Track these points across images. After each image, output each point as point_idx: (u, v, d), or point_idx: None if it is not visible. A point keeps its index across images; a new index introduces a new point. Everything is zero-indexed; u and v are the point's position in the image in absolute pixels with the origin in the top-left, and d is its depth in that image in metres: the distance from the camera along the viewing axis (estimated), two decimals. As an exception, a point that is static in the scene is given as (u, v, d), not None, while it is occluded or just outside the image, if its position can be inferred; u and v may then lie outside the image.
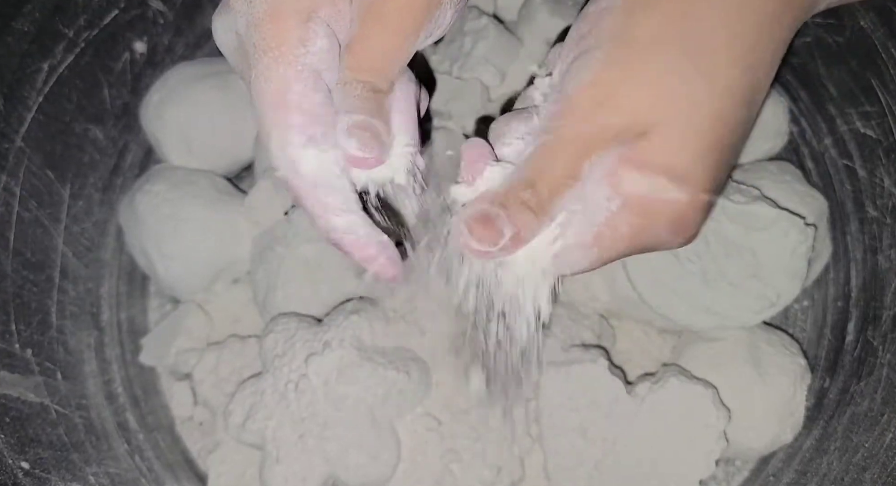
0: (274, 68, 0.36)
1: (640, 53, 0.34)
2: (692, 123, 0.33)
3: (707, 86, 0.33)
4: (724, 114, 0.34)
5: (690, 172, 0.34)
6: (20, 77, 0.52)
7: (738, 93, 0.34)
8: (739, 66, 0.34)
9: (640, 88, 0.33)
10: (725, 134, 0.34)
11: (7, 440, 0.47)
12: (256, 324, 0.56)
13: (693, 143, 0.33)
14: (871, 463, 0.47)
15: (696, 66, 0.33)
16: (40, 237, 0.54)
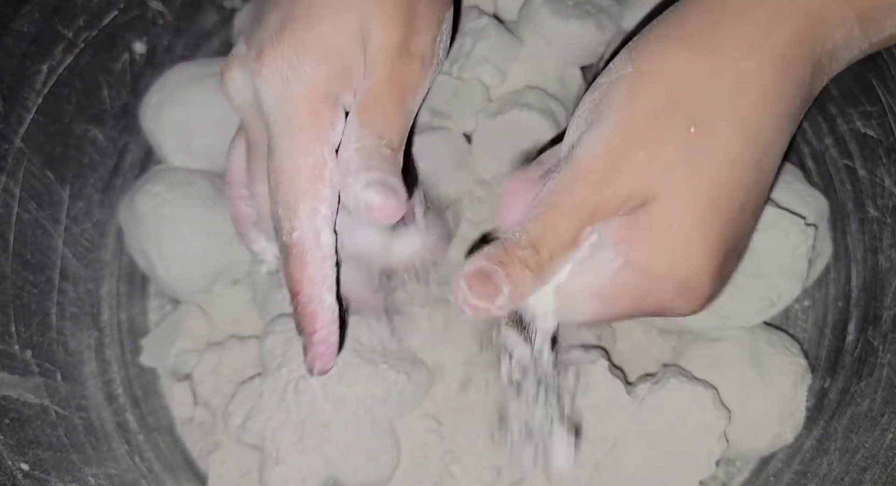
0: (312, 146, 0.39)
1: (643, 123, 0.35)
2: (690, 190, 0.34)
3: (707, 153, 0.34)
4: (724, 180, 0.35)
5: (691, 239, 0.35)
6: (19, 78, 0.52)
7: (741, 159, 0.35)
8: (740, 133, 0.35)
9: (643, 157, 0.34)
10: (726, 200, 0.35)
11: (6, 441, 0.47)
12: (256, 325, 0.56)
13: (691, 210, 0.34)
14: (872, 464, 0.47)
15: (698, 134, 0.34)
16: (40, 238, 0.54)
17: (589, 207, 0.35)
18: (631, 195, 0.35)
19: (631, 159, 0.34)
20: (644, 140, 0.35)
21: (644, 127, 0.35)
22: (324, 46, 0.39)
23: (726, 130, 0.35)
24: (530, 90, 0.57)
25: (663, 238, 0.35)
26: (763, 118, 0.35)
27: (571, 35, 0.56)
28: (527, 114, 0.54)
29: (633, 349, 0.55)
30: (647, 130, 0.35)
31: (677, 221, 0.34)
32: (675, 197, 0.34)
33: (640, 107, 0.35)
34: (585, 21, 0.56)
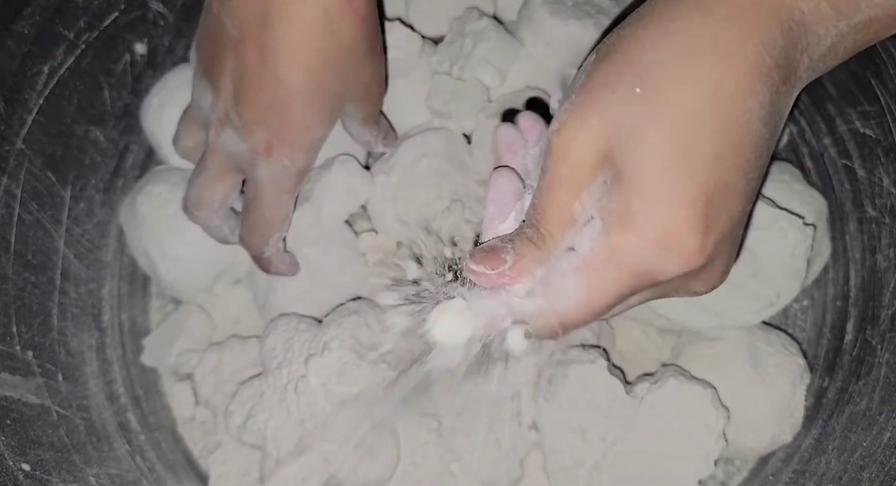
0: (290, 201, 0.53)
1: (593, 93, 0.36)
2: (648, 144, 0.35)
3: (658, 107, 0.35)
4: (682, 132, 0.34)
5: (658, 190, 0.35)
6: (20, 79, 0.52)
7: (698, 110, 0.35)
8: (693, 85, 0.35)
9: (595, 122, 0.35)
10: (693, 149, 0.34)
11: (8, 441, 0.47)
12: (257, 324, 0.57)
13: (653, 162, 0.35)
14: (869, 462, 0.47)
15: (646, 91, 0.35)
16: (41, 239, 0.54)
17: (565, 182, 0.36)
18: (597, 162, 0.36)
19: (585, 127, 0.35)
20: (594, 107, 0.35)
21: (593, 96, 0.36)
22: (313, 143, 0.50)
23: (678, 84, 0.34)
24: (530, 91, 0.57)
25: (632, 196, 0.35)
26: (720, 71, 0.35)
27: (571, 36, 0.56)
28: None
29: (633, 349, 0.55)
30: (596, 98, 0.36)
31: (642, 177, 0.34)
32: (635, 153, 0.35)
33: (593, 81, 0.36)
34: (585, 22, 0.56)
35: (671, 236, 0.34)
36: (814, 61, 0.37)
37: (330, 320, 0.51)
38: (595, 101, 0.36)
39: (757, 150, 0.36)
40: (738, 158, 0.35)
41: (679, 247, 0.35)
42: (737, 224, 0.37)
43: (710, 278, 0.38)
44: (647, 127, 0.34)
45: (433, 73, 0.58)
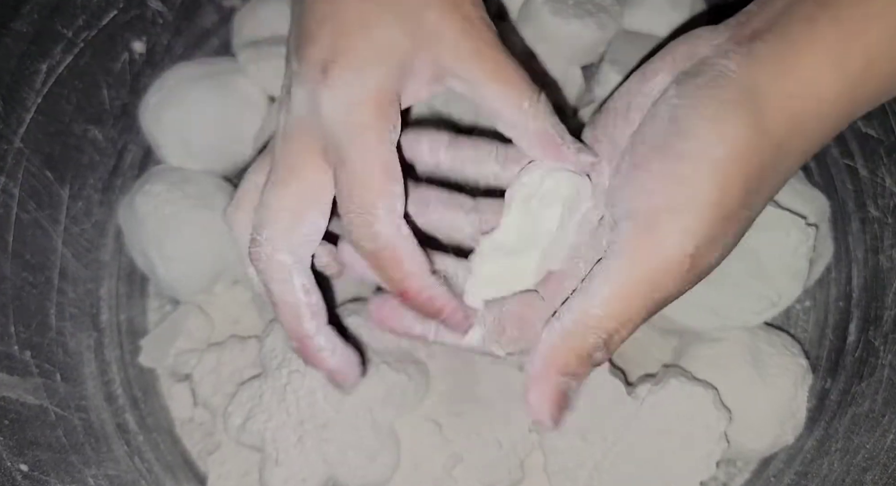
0: (381, 147, 0.39)
1: (729, 226, 0.35)
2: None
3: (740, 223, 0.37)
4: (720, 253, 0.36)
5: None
6: (18, 78, 0.52)
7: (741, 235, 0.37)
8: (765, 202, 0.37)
9: (716, 256, 0.36)
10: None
11: (6, 442, 0.47)
12: (256, 325, 0.56)
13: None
14: (872, 465, 0.47)
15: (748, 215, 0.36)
16: (39, 239, 0.54)
17: (669, 300, 0.36)
18: (691, 286, 0.37)
19: (712, 256, 0.35)
20: (722, 241, 0.35)
21: (728, 228, 0.35)
22: (381, 50, 0.39)
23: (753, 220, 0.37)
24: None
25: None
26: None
27: (572, 35, 0.56)
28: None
29: (634, 350, 0.55)
30: (726, 230, 0.35)
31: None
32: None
33: (728, 205, 0.35)
34: (586, 21, 0.56)
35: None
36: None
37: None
38: (727, 232, 0.35)
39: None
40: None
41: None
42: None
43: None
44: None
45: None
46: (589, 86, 0.60)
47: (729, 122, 0.35)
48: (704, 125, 0.35)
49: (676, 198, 0.34)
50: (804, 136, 0.36)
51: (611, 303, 0.35)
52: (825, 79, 0.35)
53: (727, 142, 0.34)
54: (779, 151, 0.35)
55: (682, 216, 0.34)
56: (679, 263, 0.34)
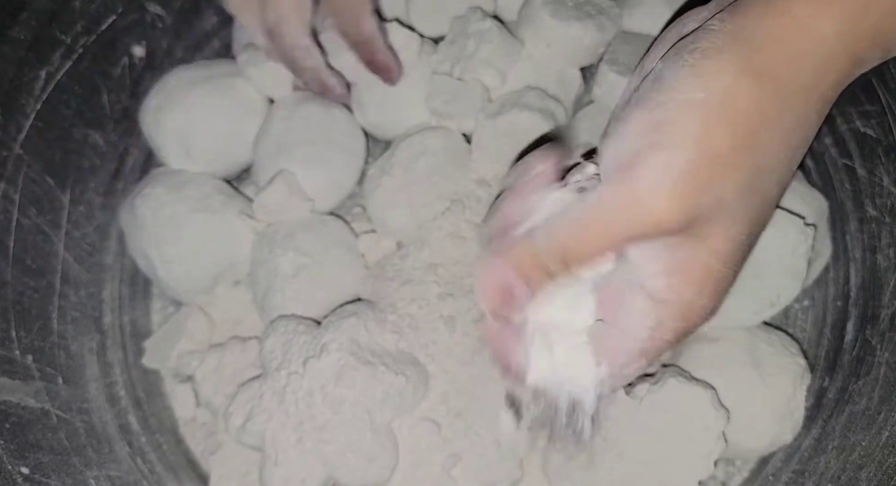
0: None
1: (720, 170, 0.34)
2: (737, 235, 0.36)
3: (756, 200, 0.36)
4: (761, 222, 0.37)
5: (727, 278, 0.37)
6: (18, 85, 0.52)
7: (775, 198, 0.37)
8: (781, 176, 0.36)
9: (706, 201, 0.34)
10: (755, 237, 0.37)
11: (6, 446, 0.47)
12: (257, 325, 0.57)
13: (734, 253, 0.36)
14: (868, 461, 0.47)
15: (754, 184, 0.35)
16: (40, 244, 0.54)
17: (640, 236, 0.35)
18: (682, 227, 0.35)
19: (698, 201, 0.34)
20: (715, 184, 0.34)
21: (718, 172, 0.34)
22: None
23: (773, 176, 0.35)
24: (530, 91, 0.57)
25: (711, 285, 0.36)
26: (798, 158, 0.36)
27: (572, 37, 0.56)
28: (527, 114, 0.54)
29: (633, 350, 0.55)
30: (720, 175, 0.34)
31: (725, 260, 0.36)
32: (718, 238, 0.35)
33: (716, 145, 0.34)
34: (586, 23, 0.56)
35: (712, 310, 0.37)
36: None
37: (328, 323, 0.51)
38: (715, 177, 0.34)
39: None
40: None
41: (710, 315, 0.38)
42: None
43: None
44: (745, 214, 0.36)
45: (433, 73, 0.58)
46: (588, 87, 0.60)
47: (709, 67, 0.35)
48: (684, 74, 0.35)
49: (654, 139, 0.34)
50: (808, 75, 0.35)
51: (572, 224, 0.36)
52: (822, 14, 0.34)
53: (709, 86, 0.34)
54: (780, 92, 0.34)
55: (657, 152, 0.34)
56: (649, 196, 0.34)
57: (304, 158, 0.57)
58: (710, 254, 0.35)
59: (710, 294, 0.36)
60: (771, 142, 0.35)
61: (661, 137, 0.34)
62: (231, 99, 0.58)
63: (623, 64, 0.56)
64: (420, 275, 0.53)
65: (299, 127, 0.57)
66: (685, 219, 0.34)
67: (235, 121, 0.59)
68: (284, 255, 0.54)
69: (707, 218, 0.34)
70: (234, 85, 0.59)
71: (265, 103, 0.60)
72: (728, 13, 0.36)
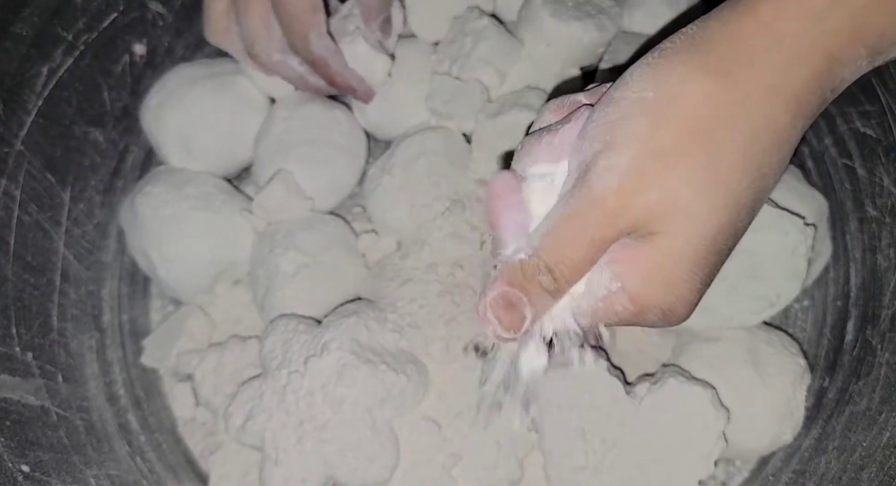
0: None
1: (663, 159, 0.34)
2: (695, 231, 0.35)
3: (718, 199, 0.35)
4: (727, 226, 0.35)
5: (685, 280, 0.35)
6: (19, 81, 0.52)
7: (746, 204, 0.35)
8: (750, 178, 0.35)
9: (656, 197, 0.34)
10: (724, 243, 0.36)
11: (7, 443, 0.47)
12: (257, 325, 0.57)
13: (693, 251, 0.35)
14: (869, 462, 0.47)
15: (711, 176, 0.34)
16: (41, 241, 0.54)
17: (603, 238, 0.35)
18: (639, 225, 0.35)
19: (646, 196, 0.34)
20: (662, 178, 0.34)
21: (663, 165, 0.34)
22: None
23: (737, 174, 0.35)
24: (530, 91, 0.57)
25: (662, 274, 0.35)
26: (772, 163, 0.35)
27: (572, 37, 0.56)
28: (526, 114, 0.54)
29: (633, 349, 0.55)
30: (665, 168, 0.34)
31: (678, 260, 0.35)
32: (681, 236, 0.35)
33: (661, 140, 0.34)
34: (586, 23, 0.56)
35: (676, 314, 0.36)
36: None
37: (329, 322, 0.51)
38: (664, 171, 0.34)
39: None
40: (744, 231, 0.37)
41: (677, 320, 0.37)
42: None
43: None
44: (703, 216, 0.35)
45: (433, 73, 0.58)
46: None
47: (662, 65, 0.35)
48: (639, 73, 0.36)
49: (606, 139, 0.35)
50: (769, 73, 0.35)
51: (545, 237, 0.36)
52: (785, 12, 0.35)
53: (659, 84, 0.35)
54: (734, 89, 0.35)
55: (608, 154, 0.35)
56: (602, 198, 0.35)
57: (305, 157, 0.57)
58: (658, 250, 0.35)
59: (660, 290, 0.36)
60: (729, 140, 0.35)
61: (612, 137, 0.35)
62: (232, 98, 0.58)
63: (623, 64, 0.56)
64: (420, 274, 0.53)
65: (300, 127, 0.57)
66: (637, 216, 0.35)
67: (236, 120, 0.59)
68: (285, 254, 0.54)
69: (660, 215, 0.35)
70: (236, 84, 0.59)
71: (266, 102, 0.60)
72: (701, 18, 0.37)
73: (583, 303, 0.37)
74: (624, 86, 0.36)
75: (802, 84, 0.35)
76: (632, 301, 0.36)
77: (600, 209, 0.35)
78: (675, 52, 0.36)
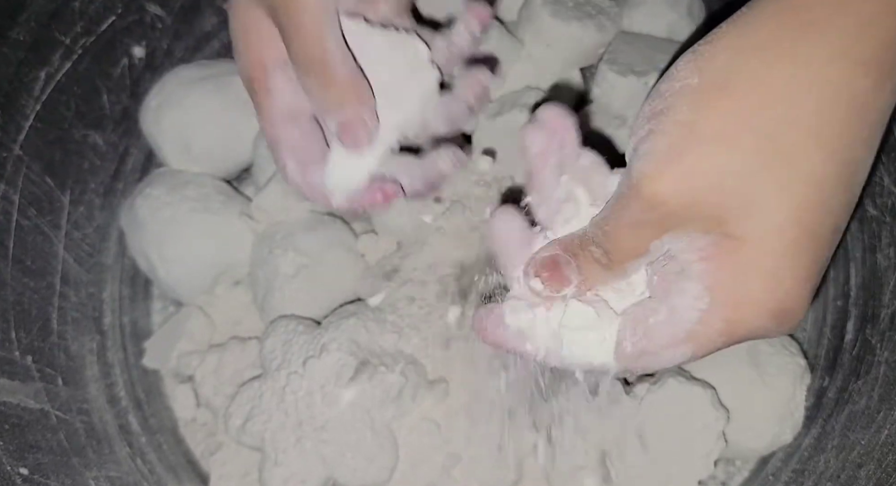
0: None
1: (708, 148, 0.33)
2: (775, 217, 0.33)
3: (782, 179, 0.33)
4: (810, 205, 0.33)
5: (781, 269, 0.33)
6: (17, 86, 0.52)
7: (827, 179, 0.33)
8: (826, 151, 0.33)
9: (706, 183, 0.33)
10: (816, 225, 0.33)
11: (5, 446, 0.48)
12: (257, 326, 0.57)
13: (780, 238, 0.33)
14: (867, 460, 0.47)
15: (768, 162, 0.33)
16: (40, 244, 0.54)
17: (652, 225, 0.35)
18: (699, 220, 0.34)
19: (689, 183, 0.33)
20: (705, 164, 0.33)
21: (705, 150, 0.33)
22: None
23: (809, 150, 0.33)
24: (530, 91, 0.57)
25: (754, 271, 0.33)
26: (852, 132, 0.33)
27: (572, 37, 0.56)
28: (526, 115, 0.54)
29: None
30: (708, 154, 0.33)
31: (767, 251, 0.33)
32: (761, 225, 0.33)
33: (704, 127, 0.33)
34: (586, 23, 0.56)
35: (788, 312, 0.34)
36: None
37: (328, 323, 0.51)
38: (706, 156, 0.33)
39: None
40: (846, 222, 0.35)
41: (792, 319, 0.34)
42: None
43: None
44: (773, 201, 0.33)
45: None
46: (587, 87, 0.60)
47: (707, 51, 0.34)
48: (685, 60, 0.35)
49: (649, 127, 0.35)
50: (828, 38, 0.33)
51: (604, 212, 0.36)
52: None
53: (703, 70, 0.34)
54: (789, 64, 0.33)
55: (649, 139, 0.34)
56: (637, 183, 0.34)
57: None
58: (733, 239, 0.33)
59: (756, 283, 0.33)
60: (788, 118, 0.33)
61: (655, 124, 0.35)
62: (231, 99, 0.58)
63: (623, 64, 0.56)
64: (420, 275, 0.53)
65: (299, 127, 0.57)
66: (683, 203, 0.34)
67: (236, 121, 0.59)
68: (284, 255, 0.54)
69: (716, 203, 0.34)
70: (235, 85, 0.58)
71: (265, 103, 0.60)
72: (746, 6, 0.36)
73: (676, 334, 0.35)
74: (670, 77, 0.35)
75: (879, 45, 0.33)
76: (728, 309, 0.34)
77: (638, 194, 0.34)
78: (720, 37, 0.35)
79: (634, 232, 0.35)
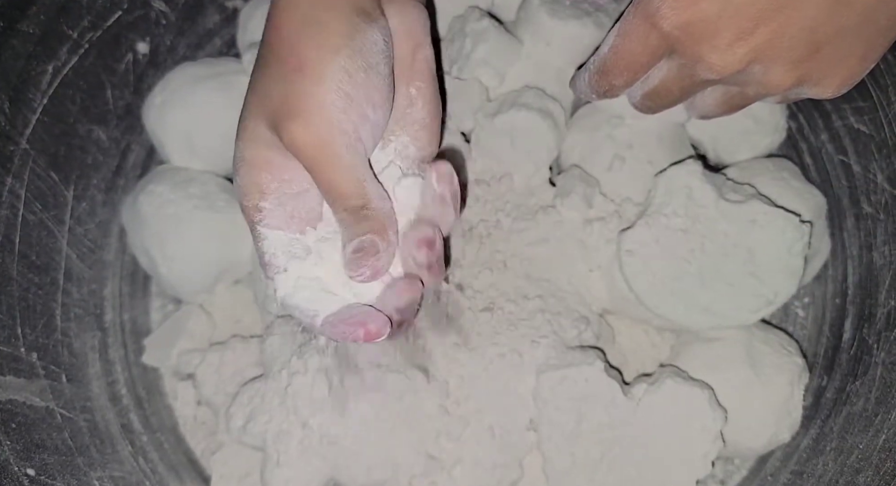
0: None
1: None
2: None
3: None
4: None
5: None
6: (25, 79, 0.52)
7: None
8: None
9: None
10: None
11: (13, 446, 0.47)
12: (258, 324, 0.57)
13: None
14: (865, 465, 0.48)
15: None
16: (45, 240, 0.54)
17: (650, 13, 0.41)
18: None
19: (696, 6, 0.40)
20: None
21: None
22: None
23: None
24: (529, 90, 0.57)
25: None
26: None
27: (570, 36, 0.56)
28: (525, 114, 0.54)
29: (631, 349, 0.55)
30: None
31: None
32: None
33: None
34: (584, 21, 0.56)
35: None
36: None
37: (330, 322, 0.51)
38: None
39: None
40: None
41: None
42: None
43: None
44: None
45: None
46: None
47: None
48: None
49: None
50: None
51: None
52: None
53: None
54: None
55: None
56: (654, 14, 0.41)
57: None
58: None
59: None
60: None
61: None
62: (235, 97, 0.58)
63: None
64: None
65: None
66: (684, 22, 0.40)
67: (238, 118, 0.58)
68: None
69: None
70: (238, 83, 0.59)
71: (268, 101, 0.60)
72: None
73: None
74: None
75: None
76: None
77: (654, 26, 0.41)
78: None
79: (634, 59, 0.43)
